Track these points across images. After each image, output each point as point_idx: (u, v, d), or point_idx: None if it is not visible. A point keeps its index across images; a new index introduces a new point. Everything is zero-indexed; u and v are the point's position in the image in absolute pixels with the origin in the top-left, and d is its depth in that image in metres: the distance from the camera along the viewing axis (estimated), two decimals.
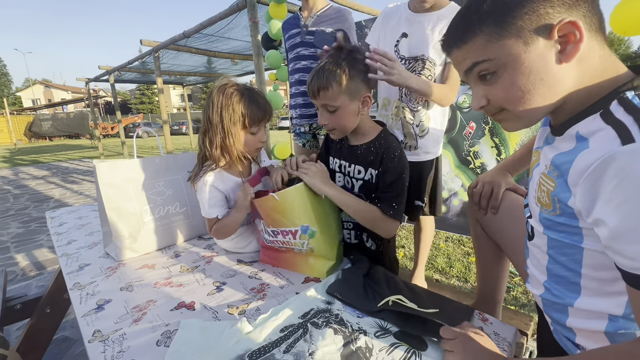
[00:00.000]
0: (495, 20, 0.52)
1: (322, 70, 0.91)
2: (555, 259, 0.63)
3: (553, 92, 0.54)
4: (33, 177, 7.24)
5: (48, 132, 22.03)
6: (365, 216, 0.94)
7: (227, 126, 0.97)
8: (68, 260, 1.11)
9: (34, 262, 2.77)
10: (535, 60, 0.52)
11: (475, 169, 2.18)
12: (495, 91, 0.57)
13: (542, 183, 0.61)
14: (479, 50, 0.55)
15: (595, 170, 0.45)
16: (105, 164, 1.06)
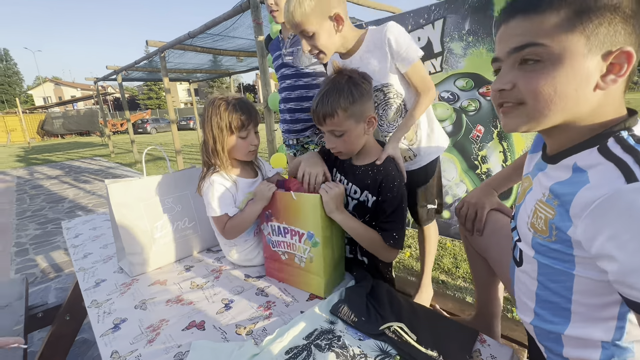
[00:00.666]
0: (578, 8, 0.49)
1: (326, 97, 0.93)
2: (545, 285, 0.64)
3: (574, 109, 0.54)
4: (47, 176, 7.44)
5: (60, 130, 22.48)
6: (369, 243, 0.99)
7: (216, 133, 1.06)
8: (85, 275, 1.17)
9: (52, 264, 2.89)
10: (584, 70, 0.51)
11: (481, 175, 2.14)
12: (530, 80, 0.54)
13: (538, 210, 0.61)
14: (545, 30, 0.51)
15: (600, 205, 0.47)
16: (117, 184, 1.10)
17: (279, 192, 1.03)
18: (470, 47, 1.80)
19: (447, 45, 1.89)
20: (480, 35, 1.72)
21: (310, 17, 1.00)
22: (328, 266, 0.97)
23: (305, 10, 0.99)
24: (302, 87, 1.51)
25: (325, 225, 0.95)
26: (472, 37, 1.75)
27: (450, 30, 1.83)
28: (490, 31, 1.67)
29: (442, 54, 1.94)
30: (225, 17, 3.56)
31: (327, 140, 1.01)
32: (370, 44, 1.14)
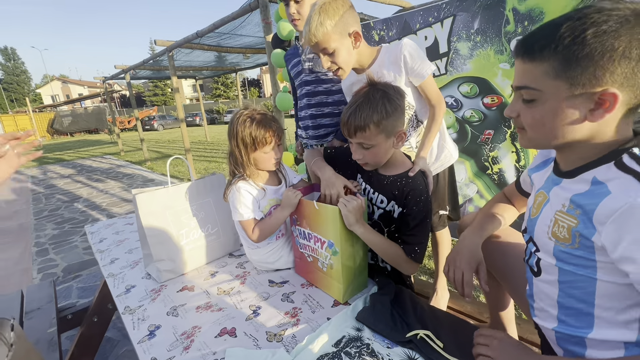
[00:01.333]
0: (563, 61, 0.56)
1: (359, 111, 0.94)
2: (567, 293, 0.68)
3: (568, 137, 0.62)
4: (60, 175, 7.59)
5: (69, 129, 22.79)
6: (390, 256, 1.00)
7: (242, 148, 1.12)
8: (115, 281, 1.22)
9: (72, 264, 2.97)
10: (570, 109, 0.59)
11: (493, 175, 2.11)
12: (526, 114, 0.65)
13: (559, 219, 0.67)
14: (536, 76, 0.60)
15: (623, 213, 0.53)
16: (144, 194, 1.14)
17: (304, 199, 1.08)
18: (477, 48, 1.75)
19: (454, 46, 1.84)
20: (489, 35, 1.67)
21: (331, 35, 1.04)
22: (347, 274, 0.99)
23: (327, 29, 1.02)
24: (322, 92, 1.53)
25: (344, 236, 0.96)
26: (480, 37, 1.70)
27: (458, 29, 1.78)
28: (499, 31, 1.61)
29: (448, 54, 1.89)
30: (234, 17, 3.56)
31: (354, 151, 1.03)
32: (385, 60, 1.17)
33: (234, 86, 38.35)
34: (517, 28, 1.51)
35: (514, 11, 1.50)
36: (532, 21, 1.45)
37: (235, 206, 1.14)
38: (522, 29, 1.50)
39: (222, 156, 8.30)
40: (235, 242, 1.39)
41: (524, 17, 1.47)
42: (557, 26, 0.57)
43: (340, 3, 1.05)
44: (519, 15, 1.48)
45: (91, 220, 4.13)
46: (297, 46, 1.59)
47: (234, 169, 1.16)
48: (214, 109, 29.47)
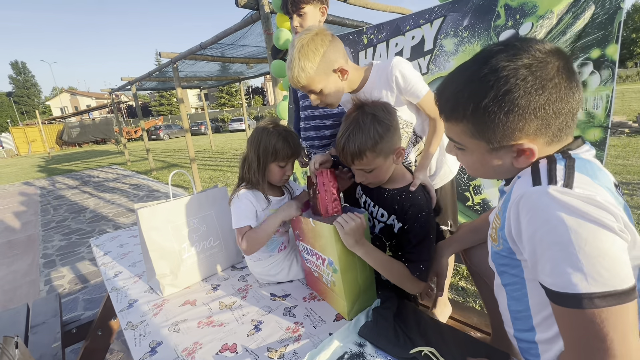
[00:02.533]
0: (475, 124, 0.60)
1: (353, 139, 0.92)
2: (510, 296, 0.71)
3: (503, 175, 0.68)
4: (68, 186, 7.70)
5: (77, 140, 23.19)
6: (394, 275, 0.96)
7: (261, 155, 1.13)
8: (118, 295, 1.22)
9: (78, 275, 2.99)
10: (494, 159, 0.64)
11: (475, 207, 1.84)
12: (461, 158, 0.71)
13: (494, 221, 0.71)
14: (457, 133, 0.65)
15: (515, 204, 0.58)
16: (146, 209, 1.15)
17: (301, 218, 1.06)
18: (464, 44, 1.65)
19: (439, 42, 1.74)
20: (478, 30, 1.58)
21: (315, 78, 1.00)
22: (350, 292, 0.96)
23: (309, 73, 0.99)
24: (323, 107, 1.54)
25: (343, 254, 0.93)
26: (468, 32, 1.62)
27: (447, 27, 1.69)
28: (489, 25, 1.53)
29: (432, 52, 1.78)
30: (236, 28, 3.62)
31: (357, 175, 1.03)
32: (376, 80, 1.13)
33: (238, 95, 38.76)
34: (507, 22, 1.46)
35: (505, 7, 1.46)
36: (524, 14, 1.41)
37: (233, 212, 1.14)
38: (512, 22, 1.45)
39: (226, 165, 8.35)
40: (238, 254, 1.39)
41: (515, 11, 1.43)
42: (462, 88, 0.60)
43: (319, 42, 0.98)
44: (510, 10, 1.44)
45: (98, 231, 4.17)
46: None
47: (245, 173, 1.17)
48: (218, 117, 29.79)
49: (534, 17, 1.39)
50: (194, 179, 5.88)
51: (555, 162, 0.57)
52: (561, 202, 0.51)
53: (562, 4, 1.32)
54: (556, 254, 0.51)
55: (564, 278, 0.51)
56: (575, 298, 0.50)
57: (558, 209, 0.51)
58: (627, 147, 5.41)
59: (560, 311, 0.54)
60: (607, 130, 1.32)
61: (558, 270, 0.52)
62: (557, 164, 0.56)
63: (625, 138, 6.13)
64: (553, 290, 0.53)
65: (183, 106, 5.84)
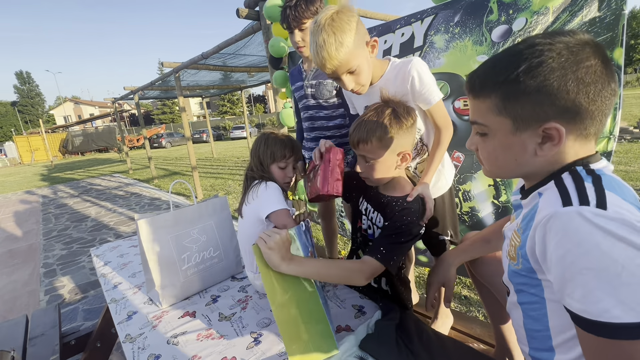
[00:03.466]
0: (504, 98, 0.58)
1: (364, 124, 0.95)
2: (527, 314, 0.68)
3: (521, 170, 0.64)
4: (70, 195, 7.72)
5: (80, 148, 23.36)
6: (339, 275, 0.90)
7: (263, 157, 1.21)
8: (117, 307, 1.21)
9: (79, 285, 2.98)
10: (517, 144, 0.60)
11: (463, 216, 1.75)
12: (482, 148, 0.67)
13: (512, 239, 0.68)
14: (482, 112, 0.62)
15: (543, 225, 0.54)
16: (145, 220, 1.14)
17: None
18: (454, 40, 1.60)
19: (430, 39, 1.68)
20: (469, 26, 1.54)
21: (354, 52, 0.95)
22: (286, 327, 0.79)
23: (348, 47, 0.93)
24: (323, 118, 1.56)
25: (270, 279, 0.79)
26: (459, 28, 1.58)
27: (438, 23, 1.64)
28: (481, 20, 1.50)
29: (422, 49, 1.72)
30: (237, 38, 3.66)
31: (358, 163, 1.05)
32: (391, 78, 1.11)
33: (239, 103, 39.05)
34: (500, 17, 1.44)
35: (498, 2, 1.44)
36: (517, 10, 1.39)
37: (268, 198, 1.13)
38: (505, 17, 1.43)
39: (228, 172, 8.37)
40: (238, 264, 1.38)
41: (509, 7, 1.41)
42: (495, 63, 0.59)
43: (348, 13, 0.94)
44: (503, 5, 1.42)
45: (99, 240, 4.16)
46: (300, 69, 1.61)
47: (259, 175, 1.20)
48: (220, 125, 29.97)
49: (527, 12, 1.38)
50: (195, 187, 5.89)
51: (581, 179, 0.55)
52: (596, 225, 0.48)
53: (557, 1, 1.31)
54: (589, 280, 0.48)
55: (598, 306, 0.48)
56: (609, 327, 0.47)
57: (592, 232, 0.48)
58: (629, 153, 5.39)
59: (589, 338, 0.51)
60: (614, 139, 1.30)
61: (591, 297, 0.49)
62: (585, 182, 0.54)
63: (627, 144, 6.12)
64: (583, 317, 0.50)
65: (185, 114, 5.88)
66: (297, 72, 1.63)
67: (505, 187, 1.64)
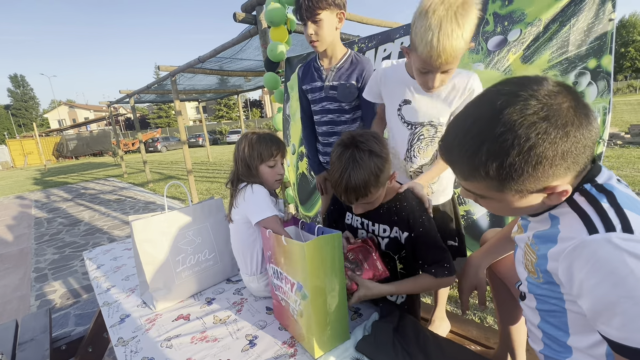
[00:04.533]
0: (500, 180, 0.56)
1: (355, 179, 0.89)
2: (545, 320, 0.69)
3: (531, 212, 0.65)
4: (63, 199, 7.62)
5: (74, 152, 23.15)
6: (423, 288, 1.00)
7: (249, 161, 1.17)
8: (109, 310, 1.19)
9: (71, 290, 2.93)
10: (523, 204, 0.60)
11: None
12: (483, 204, 0.67)
13: (527, 252, 0.69)
14: (479, 188, 0.61)
15: (569, 254, 0.55)
16: (140, 221, 1.13)
17: (274, 234, 0.95)
18: None
19: None
20: None
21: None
22: (318, 324, 0.85)
23: (467, 40, 0.86)
24: (345, 122, 1.49)
25: (314, 277, 0.83)
26: None
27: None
28: (478, 31, 1.52)
29: None
30: (234, 42, 3.67)
31: (356, 209, 1.04)
32: (453, 82, 1.09)
33: (236, 107, 39.10)
34: (496, 28, 1.49)
35: (494, 14, 1.48)
36: (512, 22, 1.43)
37: (253, 204, 1.10)
38: (501, 29, 1.47)
39: (223, 176, 8.33)
40: (233, 267, 1.37)
41: (504, 19, 1.46)
42: (475, 151, 0.55)
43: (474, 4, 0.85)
44: (499, 17, 1.47)
45: (92, 244, 4.11)
46: (317, 67, 1.48)
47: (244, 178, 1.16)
48: (216, 129, 29.93)
49: (522, 24, 1.42)
50: (191, 191, 5.84)
51: (597, 200, 0.55)
52: (627, 251, 0.48)
53: (550, 12, 1.35)
54: (629, 308, 0.48)
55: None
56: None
57: (624, 259, 0.48)
58: (621, 158, 5.48)
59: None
60: (604, 144, 1.32)
61: (632, 325, 0.49)
62: (602, 203, 0.54)
63: (619, 149, 6.22)
64: (626, 345, 0.50)
65: (181, 118, 5.86)
66: (311, 70, 1.51)
67: None
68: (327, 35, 1.34)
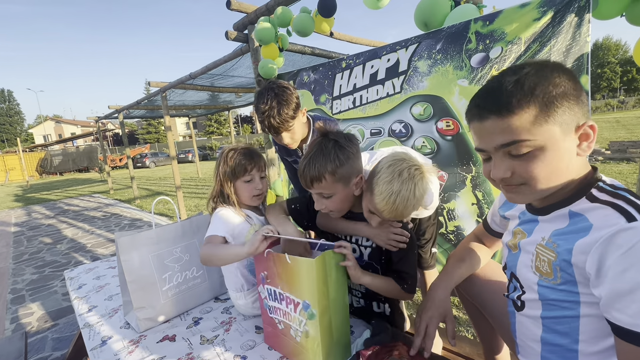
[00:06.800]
0: (543, 105, 0.57)
1: (313, 162, 0.92)
2: (550, 328, 0.67)
3: (569, 177, 0.63)
4: (45, 216, 7.37)
5: (58, 168, 22.60)
6: (390, 293, 1.01)
7: (222, 178, 1.13)
8: (90, 332, 1.14)
9: (49, 312, 2.79)
10: (567, 149, 0.60)
11: (448, 235, 1.75)
12: (526, 167, 0.60)
13: (540, 253, 0.67)
14: (524, 127, 0.58)
15: (606, 240, 0.55)
16: (126, 237, 1.10)
17: (274, 253, 0.92)
18: (437, 65, 1.70)
19: (414, 64, 1.79)
20: (450, 53, 1.65)
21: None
22: (326, 343, 0.85)
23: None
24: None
25: (322, 295, 0.83)
26: (441, 55, 1.68)
27: (421, 50, 1.75)
28: (461, 48, 1.60)
29: (406, 72, 1.83)
30: (226, 60, 3.72)
31: (316, 201, 1.00)
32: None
33: (227, 123, 39.19)
34: (478, 46, 1.56)
35: (476, 33, 1.55)
36: (493, 40, 1.51)
37: (211, 224, 1.09)
38: (483, 46, 1.54)
39: None
40: (222, 285, 1.33)
41: (485, 37, 1.53)
42: (521, 78, 0.58)
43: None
44: (481, 35, 1.54)
45: (74, 263, 3.95)
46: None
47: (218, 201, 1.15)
48: (206, 145, 29.81)
49: (503, 42, 1.49)
50: (179, 207, 5.74)
51: (620, 195, 0.59)
52: None
53: (528, 32, 1.42)
54: None
55: None
56: None
57: None
58: (603, 172, 5.63)
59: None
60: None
61: None
62: (628, 196, 0.58)
63: (600, 165, 6.44)
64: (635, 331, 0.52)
65: (170, 134, 5.82)
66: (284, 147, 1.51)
67: (488, 205, 1.67)
68: (299, 134, 1.38)
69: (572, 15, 1.32)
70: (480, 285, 0.97)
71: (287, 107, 1.25)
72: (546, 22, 1.38)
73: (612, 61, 43.04)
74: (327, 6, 2.20)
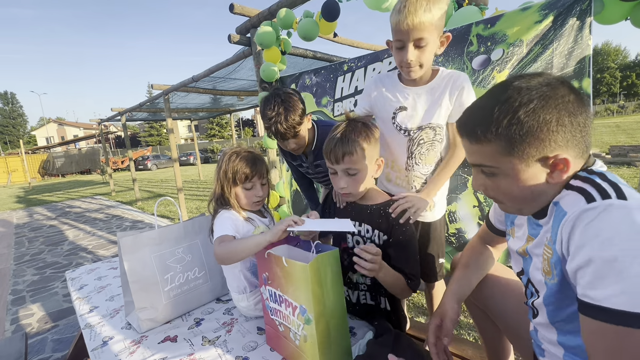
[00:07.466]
0: (508, 141, 0.61)
1: (346, 137, 1.00)
2: (563, 331, 0.68)
3: (539, 199, 0.66)
4: (47, 217, 7.38)
5: (61, 170, 22.67)
6: (395, 287, 1.00)
7: (223, 182, 1.12)
8: (91, 333, 1.13)
9: (50, 313, 2.78)
10: (530, 178, 0.63)
11: (450, 238, 1.73)
12: (493, 186, 0.68)
13: (545, 254, 0.69)
14: (488, 155, 0.65)
15: (568, 223, 0.58)
16: (129, 237, 1.10)
17: (273, 255, 0.91)
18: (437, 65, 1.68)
19: None
20: (451, 55, 1.64)
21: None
22: (323, 349, 0.83)
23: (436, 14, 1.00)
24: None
25: (318, 300, 0.81)
26: (442, 57, 1.67)
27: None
28: (462, 51, 1.60)
29: None
30: (228, 63, 3.74)
31: (338, 180, 1.04)
32: (440, 83, 1.15)
33: (228, 126, 39.29)
34: (480, 48, 1.56)
35: (477, 36, 1.55)
36: (495, 42, 1.50)
37: (216, 225, 1.08)
38: (484, 49, 1.54)
39: None
40: (223, 286, 1.33)
41: (487, 39, 1.53)
42: (490, 110, 0.62)
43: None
44: (482, 38, 1.54)
45: (75, 264, 3.95)
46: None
47: (219, 204, 1.14)
48: (208, 148, 29.91)
49: (504, 44, 1.49)
50: (181, 209, 5.74)
51: (589, 178, 0.60)
52: (623, 213, 0.52)
53: (530, 35, 1.42)
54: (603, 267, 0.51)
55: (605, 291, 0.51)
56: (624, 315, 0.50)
57: (620, 221, 0.52)
58: None
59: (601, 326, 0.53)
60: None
61: (601, 283, 0.52)
62: (594, 179, 0.59)
63: None
64: (593, 304, 0.53)
65: (172, 136, 5.85)
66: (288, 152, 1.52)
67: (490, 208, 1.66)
68: (305, 140, 1.39)
69: (574, 19, 1.33)
70: (489, 289, 0.95)
71: (294, 113, 1.26)
72: (548, 24, 1.38)
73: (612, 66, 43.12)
74: (331, 11, 2.22)
